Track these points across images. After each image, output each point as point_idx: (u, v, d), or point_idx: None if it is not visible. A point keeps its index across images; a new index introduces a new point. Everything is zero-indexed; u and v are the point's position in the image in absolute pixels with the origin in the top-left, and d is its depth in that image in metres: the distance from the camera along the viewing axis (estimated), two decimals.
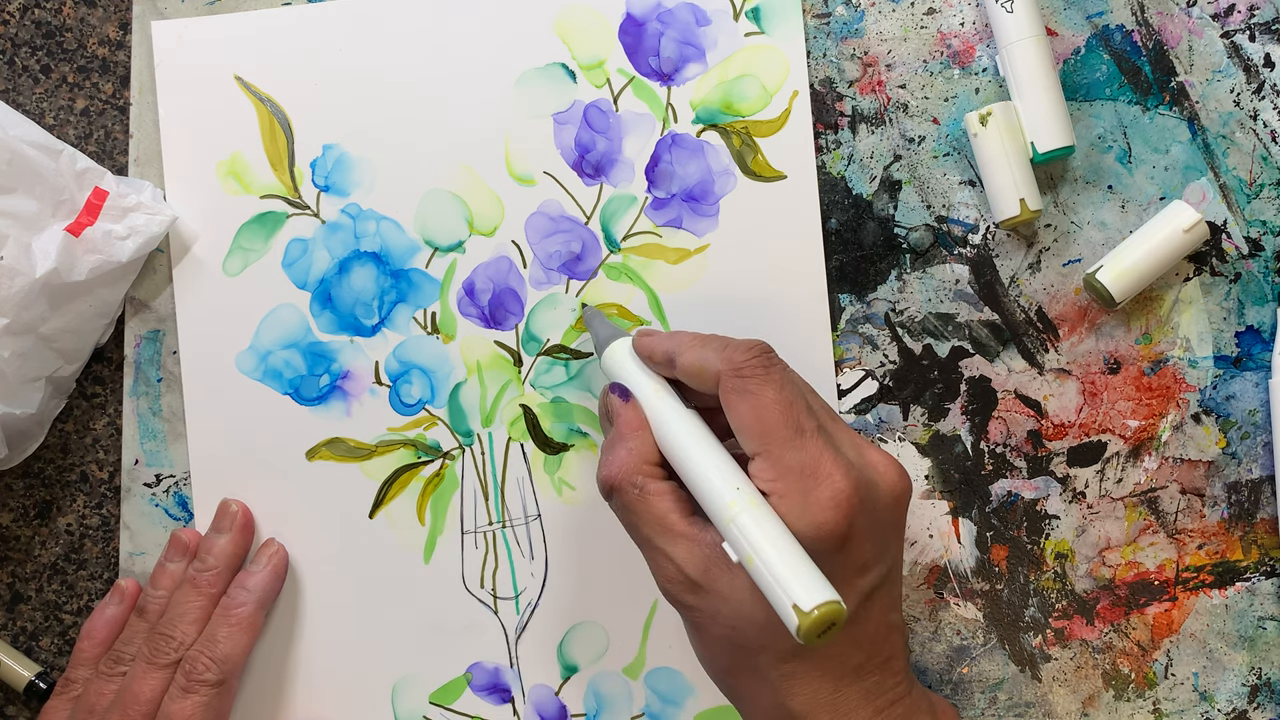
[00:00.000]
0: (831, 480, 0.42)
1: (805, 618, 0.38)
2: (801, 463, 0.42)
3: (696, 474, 0.43)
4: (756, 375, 0.44)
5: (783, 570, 0.40)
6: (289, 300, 0.54)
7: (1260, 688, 0.53)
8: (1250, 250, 0.53)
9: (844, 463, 0.42)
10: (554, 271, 0.54)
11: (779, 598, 0.39)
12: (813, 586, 0.39)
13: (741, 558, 0.41)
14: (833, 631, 0.39)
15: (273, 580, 0.53)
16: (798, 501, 0.42)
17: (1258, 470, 0.53)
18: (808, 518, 0.41)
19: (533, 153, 0.54)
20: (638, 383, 0.47)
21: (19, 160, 0.50)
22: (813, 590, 0.39)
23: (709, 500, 0.43)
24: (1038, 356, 0.53)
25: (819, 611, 0.39)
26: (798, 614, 0.39)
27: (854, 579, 0.43)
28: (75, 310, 0.52)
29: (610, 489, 0.45)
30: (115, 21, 0.56)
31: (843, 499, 0.42)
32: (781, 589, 0.39)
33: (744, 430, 0.43)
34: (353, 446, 0.54)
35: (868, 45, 0.53)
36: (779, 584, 0.39)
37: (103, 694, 0.51)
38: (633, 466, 0.45)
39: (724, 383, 0.44)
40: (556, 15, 0.54)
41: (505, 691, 0.54)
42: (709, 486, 0.43)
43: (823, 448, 0.42)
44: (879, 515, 0.43)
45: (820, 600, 0.39)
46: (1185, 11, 0.53)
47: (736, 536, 0.41)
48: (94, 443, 0.55)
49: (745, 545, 0.41)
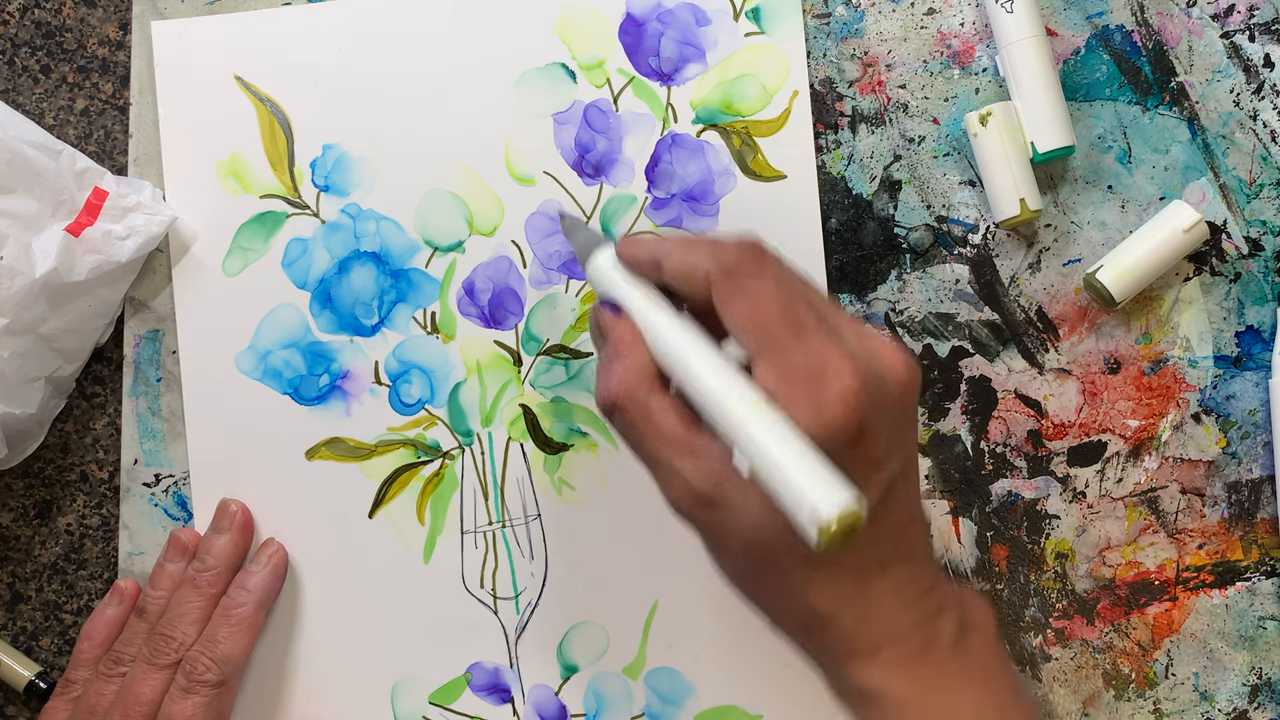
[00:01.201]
0: (839, 377, 0.40)
1: (824, 530, 0.36)
2: (806, 362, 0.40)
3: (698, 386, 0.41)
4: (749, 274, 0.42)
5: (797, 478, 0.38)
6: (289, 300, 0.54)
7: (1260, 688, 0.53)
8: (1250, 250, 0.53)
9: (850, 357, 0.40)
10: (554, 271, 0.54)
11: (795, 508, 0.37)
12: (830, 494, 0.37)
13: (752, 469, 0.39)
14: (854, 538, 0.37)
15: (273, 580, 0.53)
16: (805, 403, 0.40)
17: (1258, 470, 0.53)
18: (817, 418, 0.39)
19: (533, 153, 0.54)
20: (626, 294, 0.44)
21: (19, 160, 0.50)
22: (830, 498, 0.37)
23: (713, 412, 0.41)
24: (1038, 356, 0.53)
25: (839, 522, 0.36)
26: (816, 525, 0.37)
27: (870, 474, 0.41)
28: (75, 310, 0.52)
29: (611, 408, 0.43)
30: (115, 21, 0.56)
31: (851, 395, 0.40)
32: (797, 499, 0.37)
33: (741, 332, 0.41)
34: (352, 446, 0.54)
35: (868, 45, 0.53)
36: (794, 494, 0.37)
37: (103, 695, 0.51)
38: (632, 382, 0.43)
39: (716, 285, 0.42)
40: (556, 15, 0.54)
41: (505, 691, 0.54)
42: (712, 398, 0.41)
43: (826, 344, 0.40)
44: (890, 407, 0.41)
45: (838, 508, 0.36)
46: (1185, 12, 0.53)
47: (745, 446, 0.39)
48: (94, 443, 0.55)
49: (755, 455, 0.39)
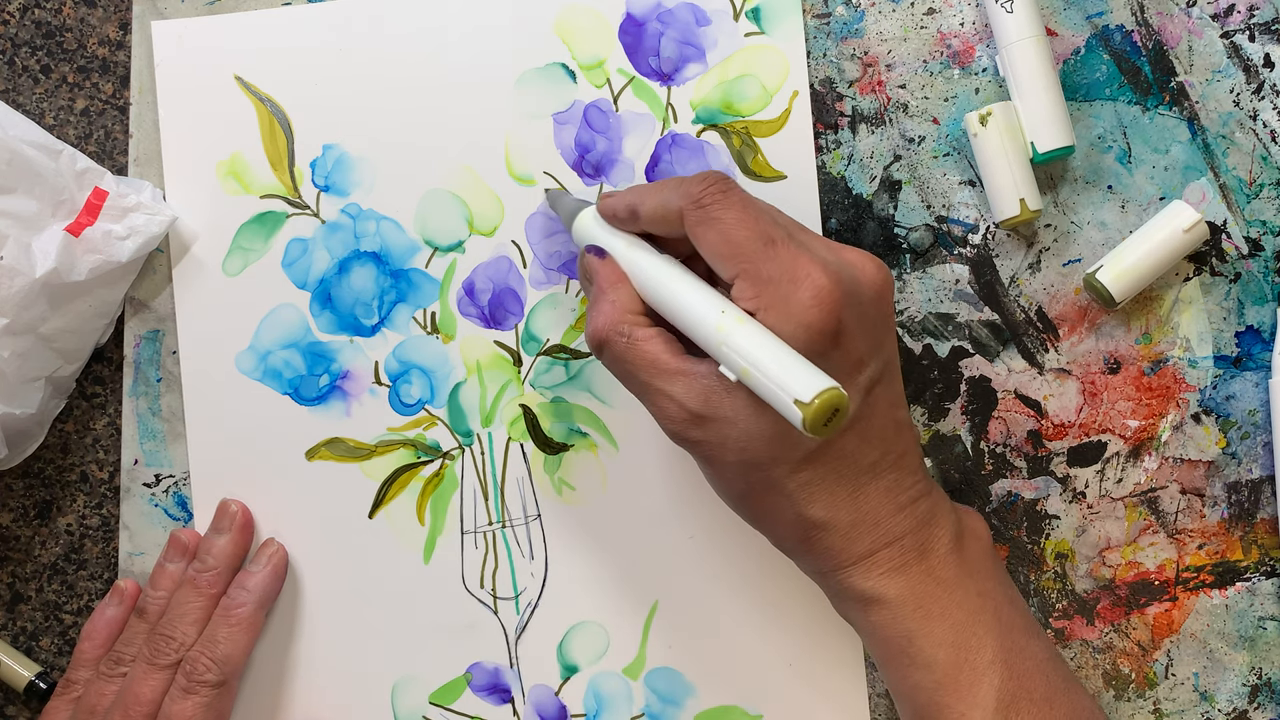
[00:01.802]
0: (810, 279, 0.42)
1: (807, 409, 0.39)
2: (778, 270, 0.42)
3: (681, 308, 0.44)
4: (716, 201, 0.44)
5: (778, 371, 0.40)
6: (289, 300, 0.54)
7: (1260, 688, 0.53)
8: (1250, 250, 0.53)
9: (820, 261, 0.43)
10: (554, 271, 0.54)
11: (780, 399, 0.40)
12: (809, 379, 0.39)
13: (737, 373, 0.41)
14: (838, 419, 0.39)
15: (273, 580, 0.53)
16: (781, 308, 0.42)
17: (1258, 470, 0.53)
18: (794, 320, 0.42)
19: (533, 153, 0.54)
20: (610, 242, 0.47)
21: (19, 160, 0.50)
22: (810, 382, 0.39)
23: (697, 329, 0.43)
24: (1038, 356, 0.53)
25: (819, 399, 0.39)
26: (800, 407, 0.39)
27: (852, 375, 0.43)
28: (75, 310, 0.52)
29: (600, 343, 0.46)
30: (115, 21, 0.56)
31: (825, 294, 0.42)
32: (780, 389, 0.40)
33: (717, 258, 0.44)
34: (352, 446, 0.54)
35: (868, 45, 0.53)
36: (777, 385, 0.40)
37: (103, 695, 0.51)
38: (617, 317, 0.45)
39: (687, 217, 0.44)
40: (556, 15, 0.54)
41: (505, 692, 0.54)
42: (695, 316, 0.43)
43: (796, 252, 0.43)
44: (865, 309, 0.44)
45: (819, 389, 0.39)
46: (1185, 11, 0.53)
47: (729, 355, 0.41)
48: (94, 443, 0.55)
49: (739, 360, 0.41)
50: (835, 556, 0.45)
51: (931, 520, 0.45)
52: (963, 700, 0.44)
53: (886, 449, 0.45)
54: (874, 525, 0.45)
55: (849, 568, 0.45)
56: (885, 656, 0.46)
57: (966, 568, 0.46)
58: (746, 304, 0.43)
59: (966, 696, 0.44)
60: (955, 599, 0.45)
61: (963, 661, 0.44)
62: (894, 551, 0.45)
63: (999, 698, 0.44)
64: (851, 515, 0.44)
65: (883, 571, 0.45)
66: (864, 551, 0.45)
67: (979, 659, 0.44)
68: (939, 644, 0.44)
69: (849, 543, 0.45)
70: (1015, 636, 0.45)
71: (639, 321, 0.45)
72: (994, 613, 0.45)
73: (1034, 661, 0.45)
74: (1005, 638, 0.45)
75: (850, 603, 0.46)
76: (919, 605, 0.45)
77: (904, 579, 0.45)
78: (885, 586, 0.45)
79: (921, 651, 0.44)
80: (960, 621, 0.45)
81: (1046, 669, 0.45)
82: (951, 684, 0.44)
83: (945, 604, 0.45)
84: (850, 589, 0.45)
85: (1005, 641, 0.45)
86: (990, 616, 0.45)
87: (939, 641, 0.44)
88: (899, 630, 0.45)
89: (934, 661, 0.44)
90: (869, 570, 0.45)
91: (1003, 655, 0.44)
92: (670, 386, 0.44)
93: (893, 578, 0.45)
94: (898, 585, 0.45)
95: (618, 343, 0.45)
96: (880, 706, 0.53)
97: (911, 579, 0.45)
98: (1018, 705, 0.44)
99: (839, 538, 0.45)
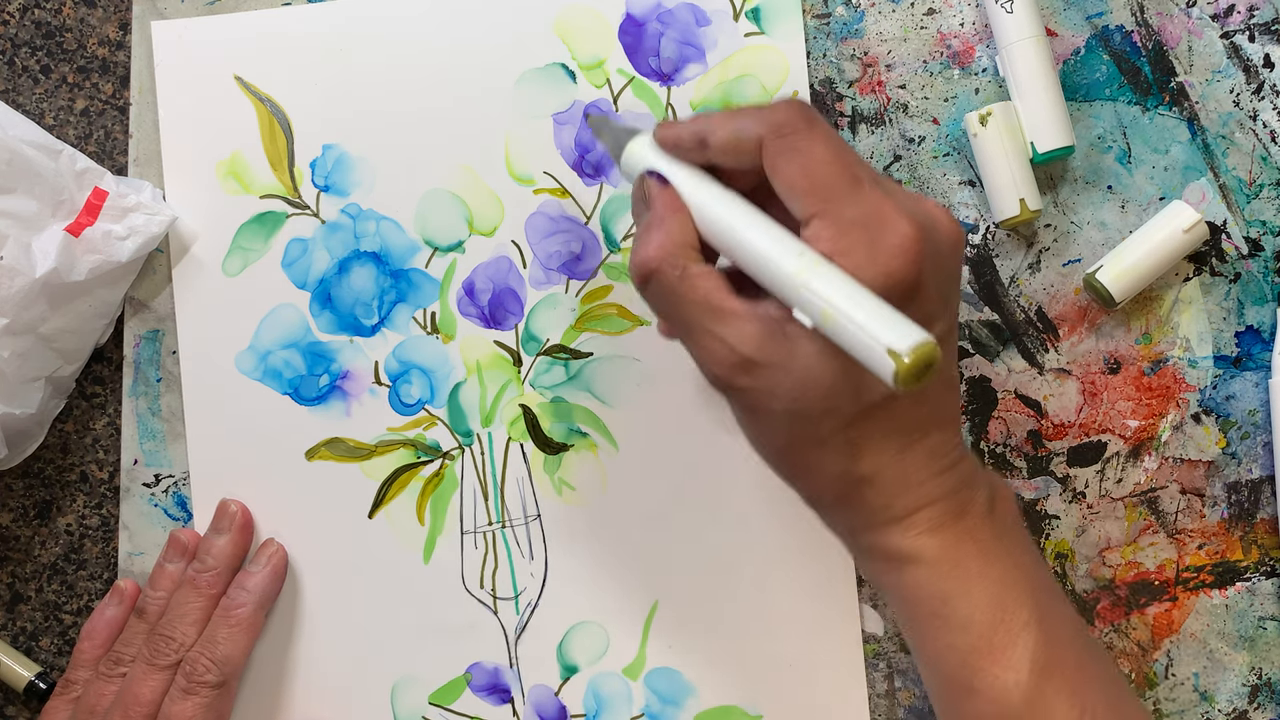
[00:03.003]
0: (897, 227, 0.40)
1: (901, 360, 0.36)
2: (863, 214, 0.40)
3: (753, 247, 0.41)
4: (800, 131, 0.41)
5: (868, 319, 0.38)
6: (289, 300, 0.54)
7: (1260, 688, 0.53)
8: (1250, 250, 0.53)
9: (905, 210, 0.41)
10: (554, 271, 0.54)
11: (870, 349, 0.37)
12: (905, 329, 0.37)
13: (815, 318, 0.39)
14: (929, 374, 0.37)
15: (272, 580, 0.53)
16: (864, 254, 0.40)
17: (1258, 470, 0.53)
18: (877, 267, 0.40)
19: (533, 153, 0.54)
20: (670, 171, 0.44)
21: (19, 160, 0.50)
22: (906, 333, 0.37)
23: (772, 269, 0.40)
24: (1038, 356, 0.53)
25: (917, 352, 0.37)
26: (893, 358, 0.37)
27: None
28: (75, 310, 0.52)
29: (648, 274, 0.42)
30: (115, 21, 0.56)
31: (910, 245, 0.40)
32: (872, 339, 0.37)
33: (796, 192, 0.41)
34: (352, 446, 0.54)
35: (868, 45, 0.53)
36: (868, 334, 0.37)
37: (103, 695, 0.51)
38: (672, 248, 0.42)
39: (767, 146, 0.41)
40: (556, 15, 0.54)
41: (505, 692, 0.54)
42: (770, 255, 0.40)
43: (882, 197, 0.41)
44: (942, 263, 0.42)
45: (916, 340, 0.37)
46: (1185, 12, 0.53)
47: (809, 297, 0.39)
48: (94, 443, 0.55)
49: (820, 303, 0.38)
50: (875, 514, 0.44)
51: (970, 482, 0.44)
52: (997, 663, 0.43)
53: (936, 407, 0.43)
54: (918, 484, 0.43)
55: (887, 526, 0.44)
56: (916, 618, 0.44)
57: (1000, 530, 0.44)
58: (823, 246, 0.40)
59: (1001, 659, 0.43)
60: (991, 560, 0.44)
61: (999, 623, 0.43)
62: (934, 511, 0.43)
63: (1034, 660, 0.43)
64: (896, 472, 0.43)
65: (920, 531, 0.43)
66: (904, 510, 0.43)
67: (1014, 621, 0.43)
68: (975, 605, 0.43)
69: (890, 500, 0.43)
70: (1047, 600, 0.44)
71: (693, 256, 0.43)
72: (1027, 575, 0.44)
73: (1065, 625, 0.44)
74: (1038, 600, 0.44)
75: (883, 563, 0.44)
76: (956, 565, 0.43)
77: (941, 539, 0.43)
78: (923, 546, 0.43)
79: (957, 612, 0.43)
80: (996, 582, 0.43)
81: (1077, 634, 0.45)
82: (986, 646, 0.43)
83: (981, 565, 0.43)
84: (886, 548, 0.44)
85: (1039, 604, 0.44)
86: (1024, 579, 0.44)
87: (975, 603, 0.43)
88: (934, 590, 0.43)
89: (970, 623, 0.43)
90: (907, 529, 0.43)
91: (1037, 618, 0.43)
92: (722, 328, 0.42)
93: (931, 537, 0.43)
94: (936, 545, 0.43)
95: (669, 275, 0.42)
96: (880, 707, 0.53)
97: (948, 539, 0.43)
98: (1051, 668, 0.43)
99: (881, 495, 0.43)
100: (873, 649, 0.53)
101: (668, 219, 0.43)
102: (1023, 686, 0.43)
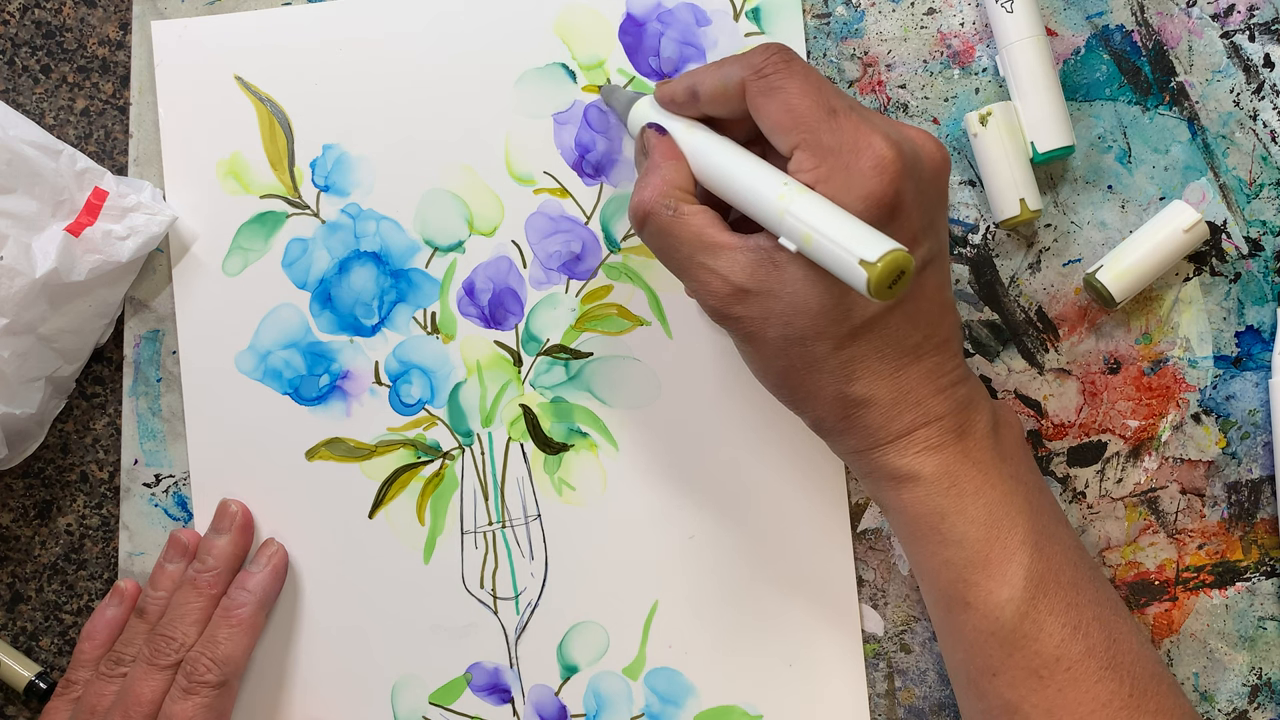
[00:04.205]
0: (872, 149, 0.42)
1: (873, 269, 0.38)
2: (839, 140, 0.42)
3: (740, 181, 0.44)
4: (779, 70, 0.44)
5: (842, 234, 0.40)
6: (289, 300, 0.54)
7: (1260, 688, 0.53)
8: (1250, 250, 0.53)
9: (882, 132, 0.42)
10: (554, 271, 0.54)
11: (844, 261, 0.39)
12: (875, 241, 0.39)
13: (798, 241, 0.41)
14: (902, 282, 0.39)
15: (273, 580, 0.53)
16: (842, 178, 0.42)
17: (1258, 470, 0.53)
18: (855, 190, 0.42)
19: (533, 153, 0.54)
20: (669, 124, 0.47)
21: (19, 160, 0.50)
22: (876, 244, 0.39)
23: (758, 201, 0.43)
24: (1038, 356, 0.53)
25: (885, 260, 0.38)
26: (865, 268, 0.39)
27: None
28: (75, 310, 0.52)
29: (644, 215, 0.45)
30: (115, 21, 0.56)
31: (887, 164, 0.42)
32: (845, 251, 0.39)
33: (777, 129, 0.43)
34: (352, 446, 0.54)
35: (868, 45, 0.53)
36: (841, 248, 0.39)
37: (103, 695, 0.51)
38: (665, 190, 0.45)
39: (749, 88, 0.44)
40: (556, 15, 0.54)
41: (505, 692, 0.54)
42: (756, 188, 0.43)
43: (858, 122, 0.42)
44: (924, 185, 0.44)
45: (885, 249, 0.39)
46: (1185, 11, 0.53)
47: (791, 222, 0.41)
48: (94, 443, 0.55)
49: (801, 226, 0.41)
50: (874, 434, 0.45)
51: (970, 405, 0.46)
52: (992, 578, 0.44)
53: (931, 331, 0.45)
54: (914, 405, 0.45)
55: (886, 445, 0.45)
56: (915, 534, 0.46)
57: (1001, 453, 0.46)
58: (806, 176, 0.42)
59: (996, 574, 0.44)
60: (989, 480, 0.45)
61: (994, 539, 0.44)
62: (932, 431, 0.45)
63: (1028, 577, 0.44)
64: (892, 393, 0.44)
65: (919, 450, 0.45)
66: (902, 429, 0.45)
67: (1010, 538, 0.44)
68: (971, 521, 0.44)
69: (888, 420, 0.45)
70: (1045, 522, 0.45)
71: (686, 197, 0.45)
72: (1025, 497, 0.45)
73: (1062, 547, 0.45)
74: (1036, 521, 0.45)
75: (884, 481, 0.46)
76: (953, 483, 0.45)
77: (940, 457, 0.45)
78: (921, 464, 0.45)
79: (953, 528, 0.45)
80: (993, 501, 0.45)
81: (1074, 556, 0.46)
82: (981, 561, 0.44)
83: (979, 484, 0.45)
84: (885, 466, 0.45)
85: (1036, 525, 0.45)
86: (1022, 500, 0.45)
87: (971, 519, 0.45)
88: (931, 507, 0.45)
89: (965, 538, 0.44)
90: (906, 448, 0.45)
91: (1033, 537, 0.44)
92: (714, 261, 0.44)
93: (929, 456, 0.45)
94: (933, 463, 0.45)
95: (662, 215, 0.45)
96: (880, 707, 0.53)
97: (947, 458, 0.45)
98: (1045, 586, 0.44)
99: (878, 415, 0.45)
100: (873, 649, 0.53)
101: (662, 164, 0.46)
102: (1016, 602, 0.44)
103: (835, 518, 0.53)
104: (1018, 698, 0.44)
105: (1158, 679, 0.45)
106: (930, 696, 0.53)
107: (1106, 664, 0.44)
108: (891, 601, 0.53)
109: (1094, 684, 0.44)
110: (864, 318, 0.43)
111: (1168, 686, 0.45)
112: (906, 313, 0.44)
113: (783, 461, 0.53)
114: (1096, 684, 0.44)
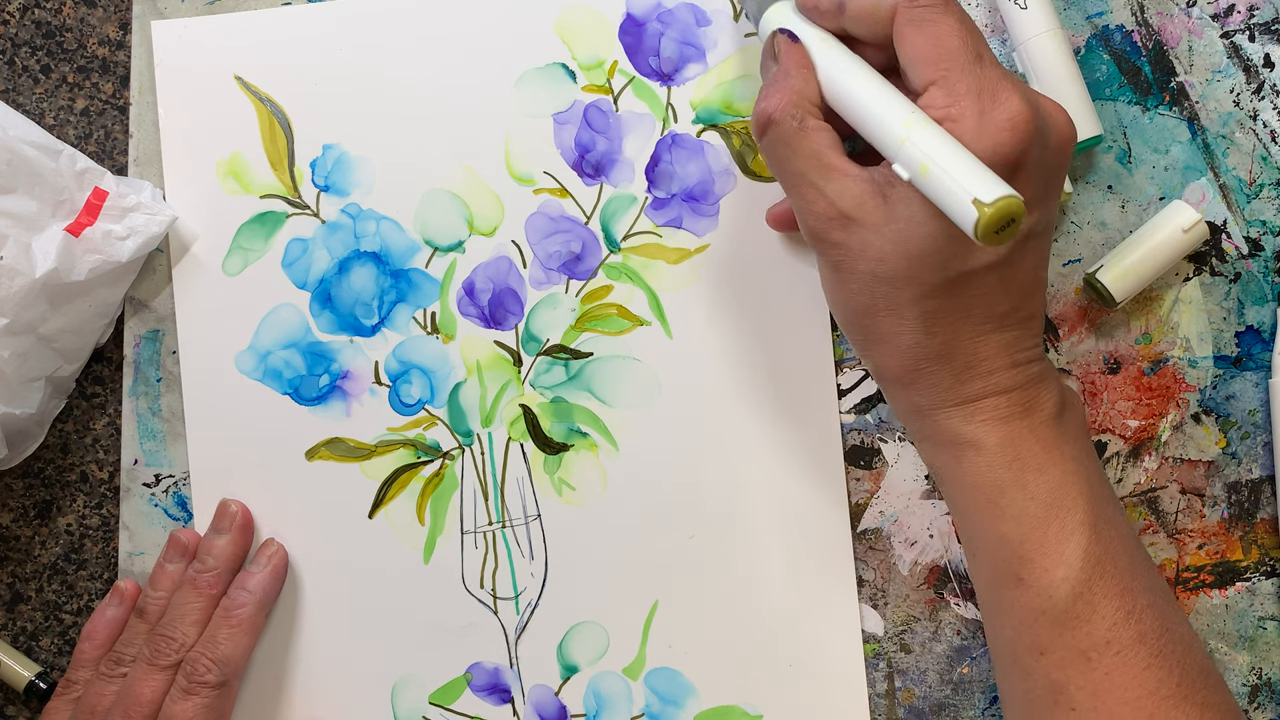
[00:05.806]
0: (1009, 103, 0.41)
1: (985, 209, 0.38)
2: (979, 85, 0.42)
3: (868, 103, 0.43)
4: (936, 5, 0.43)
5: (961, 170, 0.39)
6: (289, 300, 0.54)
7: (1260, 688, 0.53)
8: (1250, 250, 0.53)
9: (1021, 91, 0.42)
10: (554, 271, 0.54)
11: (957, 198, 0.39)
12: (993, 183, 0.39)
13: (913, 171, 0.40)
14: (1010, 230, 0.39)
15: (273, 580, 0.53)
16: (974, 123, 0.41)
17: (1258, 470, 0.53)
18: (984, 139, 0.41)
19: (533, 153, 0.54)
20: (804, 31, 0.46)
21: (19, 160, 0.50)
22: (994, 186, 0.38)
23: (882, 124, 0.42)
24: None
25: (1000, 202, 0.38)
26: (978, 207, 0.38)
27: None
28: (75, 310, 0.52)
29: (767, 122, 0.45)
30: (115, 21, 0.56)
31: (1020, 122, 0.41)
32: (960, 187, 0.39)
33: (919, 60, 0.43)
34: (352, 446, 0.54)
35: None
36: (957, 183, 0.39)
37: (103, 695, 0.51)
38: (793, 100, 0.44)
39: (900, 14, 0.43)
40: (556, 15, 0.54)
41: (505, 692, 0.54)
42: (883, 111, 0.42)
43: (1001, 76, 0.42)
44: (1048, 155, 0.43)
45: (1002, 192, 0.38)
46: (1185, 11, 0.53)
47: (910, 150, 0.40)
48: (94, 443, 0.55)
49: (920, 155, 0.40)
50: (942, 394, 0.45)
51: (1041, 383, 0.45)
52: (1048, 556, 0.44)
53: (1020, 303, 0.44)
54: (987, 373, 0.44)
55: (952, 408, 0.45)
56: (971, 506, 0.45)
57: (1066, 434, 0.45)
58: (937, 112, 0.42)
59: (1053, 553, 0.44)
60: (1053, 458, 0.45)
61: (1052, 518, 0.44)
62: (1000, 401, 0.44)
63: (1085, 558, 0.44)
64: (968, 357, 0.44)
65: (985, 418, 0.44)
66: (972, 395, 0.44)
67: (1069, 518, 0.44)
68: (1031, 497, 0.44)
69: (959, 383, 0.44)
70: (1104, 506, 0.45)
71: (813, 110, 0.44)
72: (1086, 479, 0.45)
73: (1119, 533, 0.45)
74: (1095, 504, 0.45)
75: (944, 446, 0.46)
76: (1017, 457, 0.44)
77: (1006, 429, 0.44)
78: (986, 433, 0.44)
79: (1014, 503, 0.44)
80: (1055, 480, 0.44)
81: (1130, 543, 0.45)
82: (1039, 539, 0.44)
83: (1043, 461, 0.44)
84: (948, 430, 0.45)
85: (1095, 508, 0.44)
86: (1084, 481, 0.45)
87: (1032, 495, 0.44)
88: (992, 479, 0.45)
89: (1024, 514, 0.44)
90: (972, 414, 0.45)
91: (1092, 519, 0.44)
92: (826, 182, 0.44)
93: (995, 426, 0.44)
94: (999, 434, 0.44)
95: (787, 124, 0.44)
96: (880, 707, 0.53)
97: (1013, 431, 0.44)
98: (1102, 568, 0.44)
99: (950, 375, 0.44)
100: (873, 649, 0.53)
101: (793, 73, 0.45)
102: (1071, 582, 0.43)
103: (835, 518, 0.53)
104: (1065, 678, 0.44)
105: (1206, 672, 0.45)
106: (930, 696, 0.53)
107: (1157, 652, 0.44)
108: (891, 601, 0.53)
109: (1142, 670, 0.43)
110: (960, 270, 0.43)
111: (1216, 680, 0.45)
112: (1002, 278, 0.44)
113: (783, 461, 0.53)
114: (1145, 670, 0.43)
